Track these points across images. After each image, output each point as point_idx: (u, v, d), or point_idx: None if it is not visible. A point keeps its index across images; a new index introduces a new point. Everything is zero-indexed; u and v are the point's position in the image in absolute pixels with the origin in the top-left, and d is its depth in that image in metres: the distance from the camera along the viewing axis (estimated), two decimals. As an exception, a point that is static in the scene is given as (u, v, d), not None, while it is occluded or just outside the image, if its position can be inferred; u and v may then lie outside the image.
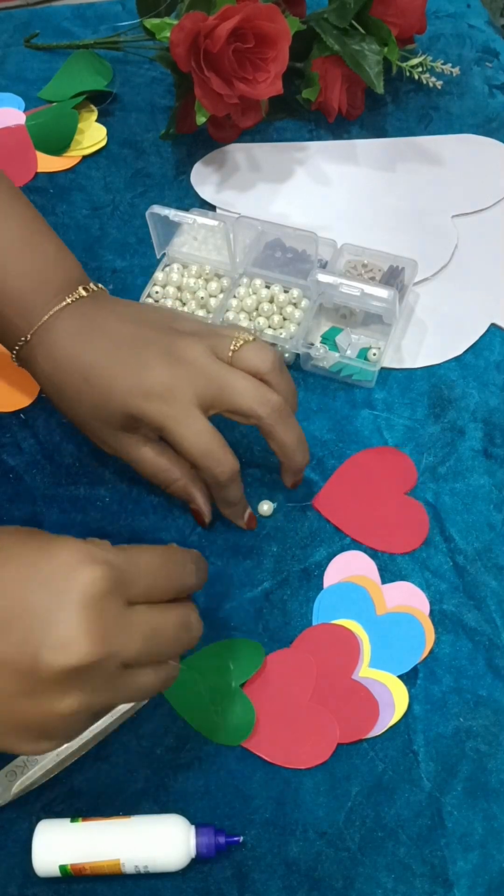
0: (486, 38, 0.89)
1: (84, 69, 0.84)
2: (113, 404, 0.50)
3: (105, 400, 0.50)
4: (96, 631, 0.36)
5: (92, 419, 0.52)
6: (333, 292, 0.63)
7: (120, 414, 0.50)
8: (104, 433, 0.53)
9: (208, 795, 0.48)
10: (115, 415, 0.51)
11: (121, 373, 0.50)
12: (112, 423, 0.51)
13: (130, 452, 0.53)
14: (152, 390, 0.49)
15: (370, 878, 0.46)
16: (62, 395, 0.52)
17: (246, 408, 0.51)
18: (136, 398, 0.49)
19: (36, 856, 0.44)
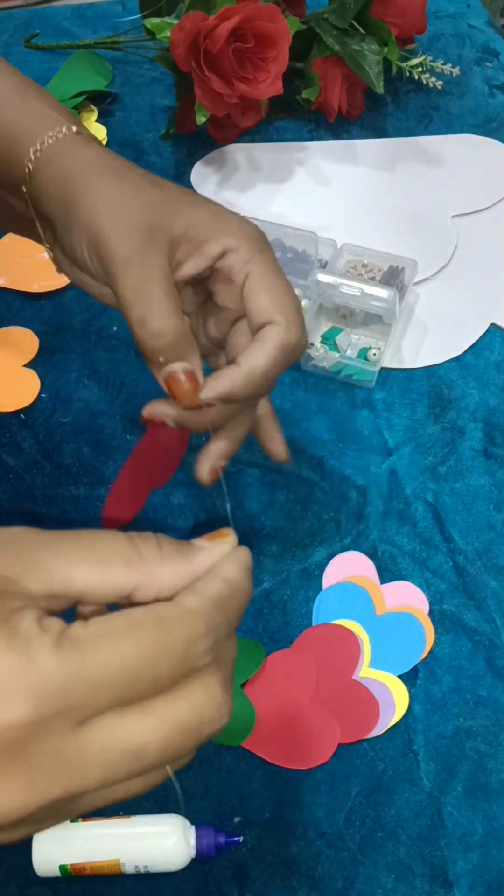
0: (486, 38, 0.89)
1: (84, 69, 0.84)
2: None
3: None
4: (17, 781, 0.25)
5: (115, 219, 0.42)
6: (333, 292, 0.63)
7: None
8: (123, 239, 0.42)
9: (208, 795, 0.48)
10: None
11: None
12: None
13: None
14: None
15: (370, 878, 0.46)
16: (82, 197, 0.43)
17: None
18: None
19: (36, 856, 0.44)
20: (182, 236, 0.41)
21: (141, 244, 0.40)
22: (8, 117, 0.45)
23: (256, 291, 0.42)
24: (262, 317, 0.42)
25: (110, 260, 0.40)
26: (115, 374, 0.64)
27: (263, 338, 0.42)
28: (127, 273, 0.40)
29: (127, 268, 0.40)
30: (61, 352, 0.65)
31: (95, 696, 0.26)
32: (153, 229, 0.41)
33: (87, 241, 0.41)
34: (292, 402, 0.63)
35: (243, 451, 0.60)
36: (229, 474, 0.59)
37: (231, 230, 0.42)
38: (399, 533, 0.57)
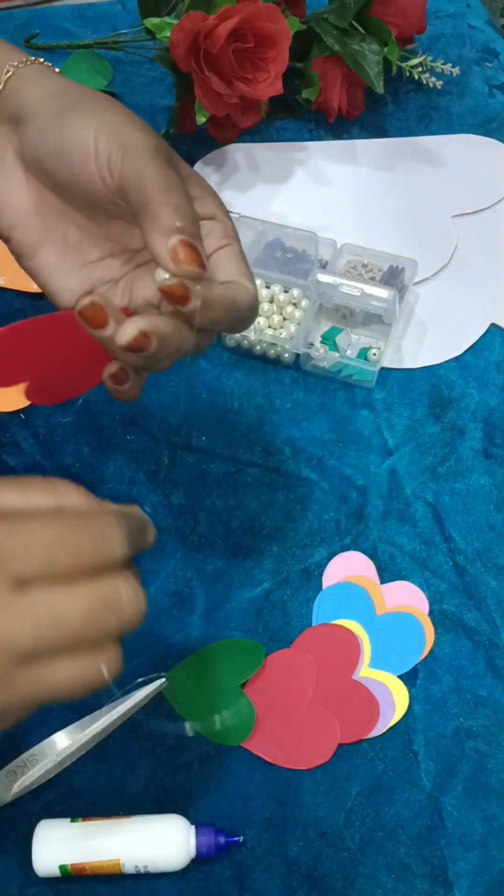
0: (486, 38, 0.89)
1: (84, 69, 0.84)
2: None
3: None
4: None
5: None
6: (333, 292, 0.63)
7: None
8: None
9: (208, 795, 0.48)
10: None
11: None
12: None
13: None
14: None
15: (370, 878, 0.46)
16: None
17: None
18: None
19: (36, 856, 0.44)
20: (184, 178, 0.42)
21: (166, 151, 0.41)
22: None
23: (230, 258, 0.42)
24: (231, 275, 0.41)
25: (133, 142, 0.39)
26: (115, 374, 0.64)
27: (235, 287, 0.41)
28: (154, 159, 0.39)
29: (152, 154, 0.39)
30: (61, 352, 0.65)
31: (26, 556, 0.31)
32: (167, 151, 0.41)
33: (99, 126, 0.40)
34: (292, 402, 0.63)
35: (243, 451, 0.60)
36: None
37: (217, 202, 0.43)
38: (399, 533, 0.57)
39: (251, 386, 0.63)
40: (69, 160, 0.40)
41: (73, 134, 0.40)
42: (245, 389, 0.63)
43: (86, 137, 0.40)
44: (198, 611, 0.54)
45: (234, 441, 0.61)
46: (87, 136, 0.40)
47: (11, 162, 0.43)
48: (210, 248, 0.42)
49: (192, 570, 0.55)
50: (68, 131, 0.40)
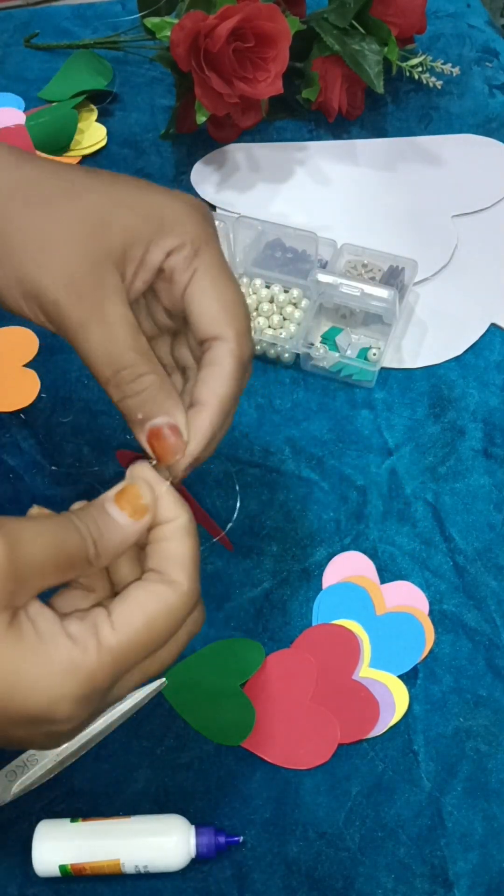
0: (486, 38, 0.89)
1: (84, 69, 0.84)
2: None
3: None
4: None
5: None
6: (333, 292, 0.63)
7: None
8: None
9: (208, 795, 0.48)
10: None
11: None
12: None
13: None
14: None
15: (370, 878, 0.46)
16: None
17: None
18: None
19: (36, 856, 0.44)
20: (123, 255, 0.37)
21: (92, 291, 0.36)
22: None
23: (202, 297, 0.38)
24: (209, 329, 0.38)
25: (65, 323, 0.36)
26: (115, 374, 0.64)
27: (218, 360, 0.38)
28: (87, 336, 0.36)
29: (86, 330, 0.36)
30: (61, 352, 0.65)
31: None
32: (96, 264, 0.36)
33: (23, 293, 0.37)
34: (292, 402, 0.63)
35: (243, 451, 0.60)
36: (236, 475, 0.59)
37: (169, 228, 0.38)
38: (399, 533, 0.57)
39: (251, 386, 0.63)
40: (16, 314, 0.38)
41: (6, 300, 0.38)
42: (245, 389, 0.63)
43: (18, 308, 0.38)
44: (198, 611, 0.53)
45: (234, 441, 0.61)
46: (18, 306, 0.38)
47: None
48: (179, 286, 0.38)
49: (192, 570, 0.55)
50: (1, 296, 0.38)
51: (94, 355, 0.36)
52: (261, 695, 0.50)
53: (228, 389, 0.39)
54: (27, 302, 0.37)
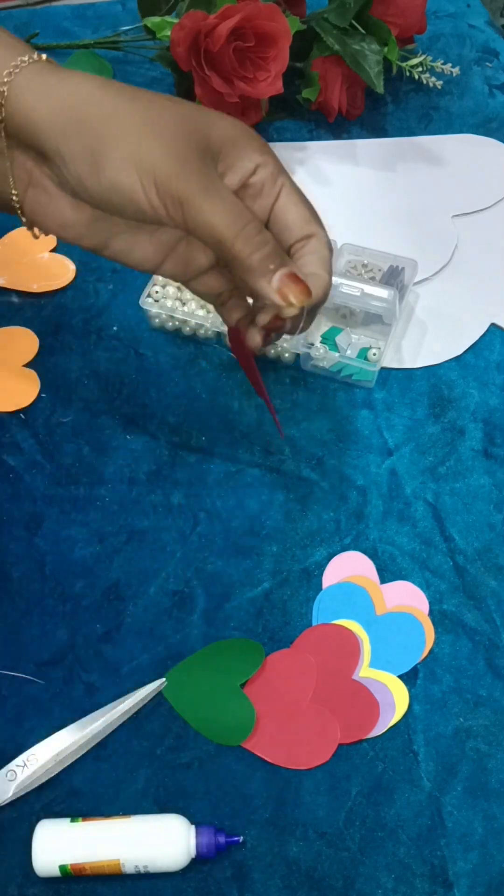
0: (486, 38, 0.89)
1: (84, 69, 0.84)
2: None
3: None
4: None
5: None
6: (333, 292, 0.63)
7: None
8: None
9: (208, 795, 0.48)
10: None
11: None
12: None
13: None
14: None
15: (370, 878, 0.46)
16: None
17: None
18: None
19: (36, 856, 0.44)
20: (220, 153, 0.42)
21: (204, 167, 0.41)
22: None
23: (293, 205, 0.44)
24: (303, 229, 0.44)
25: (187, 191, 0.40)
26: (115, 374, 0.64)
27: (314, 249, 0.44)
28: (210, 199, 0.40)
29: (208, 195, 0.40)
30: (61, 352, 0.65)
31: None
32: (202, 150, 0.41)
33: (140, 168, 0.39)
34: (292, 402, 0.63)
35: (243, 451, 0.60)
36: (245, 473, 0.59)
37: (257, 145, 0.43)
38: (399, 533, 0.57)
39: (251, 386, 0.63)
40: (118, 206, 0.41)
41: (115, 186, 0.40)
42: (245, 389, 0.63)
43: (130, 188, 0.40)
44: (198, 611, 0.54)
45: (234, 441, 0.61)
46: (130, 186, 0.40)
47: (55, 192, 0.43)
48: (267, 202, 0.44)
49: (192, 570, 0.55)
50: (109, 183, 0.40)
51: (220, 215, 0.40)
52: (261, 695, 0.50)
53: (327, 268, 0.44)
54: (143, 176, 0.40)
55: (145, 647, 0.52)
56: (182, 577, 0.55)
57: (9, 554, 0.55)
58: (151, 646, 0.52)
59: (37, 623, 0.53)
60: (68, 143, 0.40)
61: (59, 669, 0.51)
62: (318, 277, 0.44)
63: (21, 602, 0.54)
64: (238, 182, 0.43)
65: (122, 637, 0.52)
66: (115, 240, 0.45)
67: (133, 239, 0.45)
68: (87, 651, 0.52)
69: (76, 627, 0.53)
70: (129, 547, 0.56)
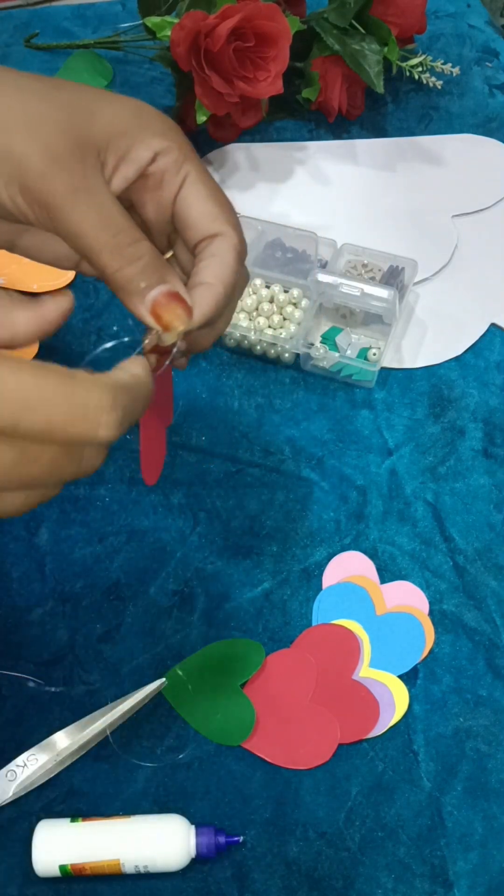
0: (486, 38, 0.89)
1: (84, 69, 0.84)
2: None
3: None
4: None
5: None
6: (333, 292, 0.63)
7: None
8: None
9: (208, 795, 0.48)
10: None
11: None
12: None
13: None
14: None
15: (370, 878, 0.46)
16: None
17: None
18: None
19: (36, 856, 0.44)
20: (107, 143, 0.36)
21: (77, 165, 0.35)
22: None
23: (197, 198, 0.38)
24: (208, 227, 0.38)
25: (52, 194, 0.35)
26: (115, 374, 0.64)
27: (217, 251, 0.38)
28: (78, 203, 0.35)
29: (77, 198, 0.35)
30: (61, 352, 0.65)
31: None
32: (80, 143, 0.35)
33: (4, 174, 0.35)
34: (292, 402, 0.63)
35: (243, 451, 0.60)
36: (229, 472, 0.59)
37: (157, 128, 0.37)
38: (399, 533, 0.57)
39: (251, 386, 0.63)
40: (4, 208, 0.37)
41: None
42: (245, 389, 0.63)
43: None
44: (198, 611, 0.54)
45: (234, 441, 0.61)
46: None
47: None
48: (169, 193, 0.38)
49: (192, 570, 0.55)
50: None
51: (87, 222, 0.35)
52: (261, 695, 0.50)
53: (232, 275, 0.38)
54: (8, 181, 0.35)
55: (145, 647, 0.52)
56: (182, 577, 0.55)
57: (9, 554, 0.55)
58: (151, 646, 0.52)
59: (37, 623, 0.53)
60: None
61: (59, 669, 0.51)
62: (209, 289, 0.37)
63: (21, 602, 0.54)
64: (134, 173, 0.37)
65: (122, 637, 0.52)
66: (22, 237, 0.40)
67: (42, 236, 0.40)
68: (87, 651, 0.52)
69: (76, 627, 0.53)
70: (129, 547, 0.56)
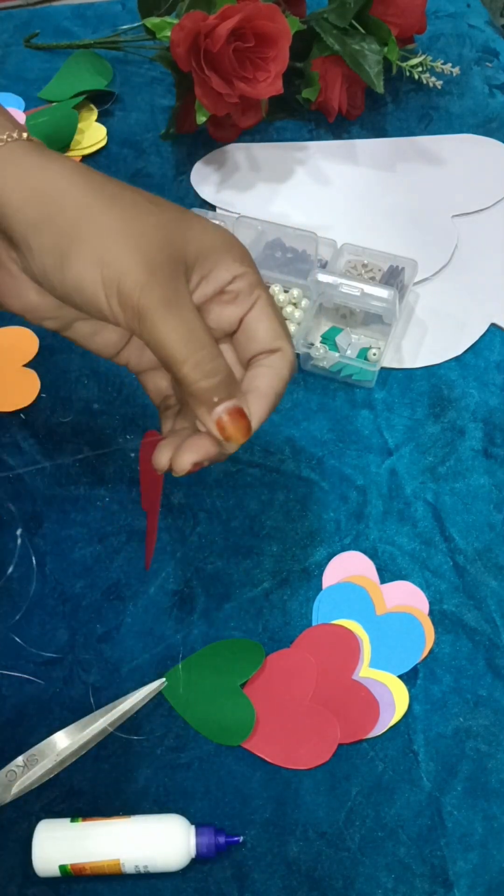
0: (486, 38, 0.89)
1: (84, 69, 0.84)
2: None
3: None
4: None
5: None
6: (333, 292, 0.63)
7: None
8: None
9: (208, 795, 0.48)
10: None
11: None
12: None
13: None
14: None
15: (370, 878, 0.46)
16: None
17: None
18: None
19: (36, 856, 0.44)
20: (195, 262, 0.41)
21: (172, 279, 0.39)
22: None
23: (266, 318, 0.43)
24: (271, 343, 0.43)
25: (148, 303, 0.38)
26: (115, 374, 0.64)
27: (274, 364, 0.43)
28: (169, 316, 0.39)
29: (168, 311, 0.39)
30: (61, 352, 0.65)
31: None
32: (174, 260, 0.39)
33: (104, 275, 0.38)
34: (292, 402, 0.63)
35: (243, 451, 0.60)
36: (229, 471, 0.59)
37: (237, 254, 0.42)
38: (399, 533, 0.57)
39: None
40: (79, 305, 0.40)
41: (78, 287, 0.39)
42: (245, 389, 0.63)
43: (92, 292, 0.39)
44: (198, 611, 0.54)
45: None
46: (93, 289, 0.39)
47: (19, 275, 0.42)
48: (240, 311, 0.43)
49: (192, 570, 0.55)
50: (72, 283, 0.39)
51: (176, 334, 0.39)
52: (261, 695, 0.50)
53: (283, 387, 0.43)
54: (106, 282, 0.39)
55: (145, 647, 0.52)
56: (182, 577, 0.55)
57: (9, 554, 0.55)
58: (151, 646, 0.52)
59: (37, 623, 0.53)
60: (37, 235, 0.39)
61: (59, 669, 0.51)
62: (265, 400, 0.42)
63: (21, 602, 0.54)
64: (213, 291, 0.42)
65: (122, 637, 0.52)
66: (79, 323, 0.44)
67: (97, 325, 0.44)
68: (87, 651, 0.52)
69: (76, 627, 0.53)
70: (129, 547, 0.56)
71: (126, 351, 0.45)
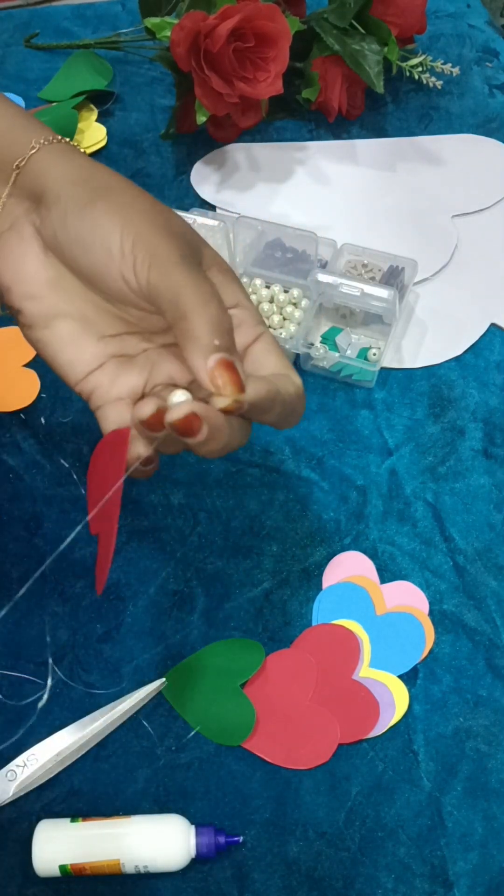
0: (486, 38, 0.89)
1: (84, 69, 0.84)
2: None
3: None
4: None
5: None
6: (333, 292, 0.63)
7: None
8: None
9: (208, 795, 0.48)
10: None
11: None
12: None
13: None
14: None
15: (370, 878, 0.46)
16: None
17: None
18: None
19: (36, 856, 0.44)
20: (208, 269, 0.41)
21: (192, 254, 0.40)
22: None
23: (273, 351, 0.43)
24: (281, 370, 0.42)
25: (164, 252, 0.39)
26: (115, 374, 0.64)
27: (282, 380, 0.41)
28: (188, 270, 0.39)
29: (183, 262, 0.39)
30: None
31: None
32: (193, 251, 0.41)
33: (125, 224, 0.39)
34: (292, 402, 0.63)
35: (243, 451, 0.60)
36: (231, 473, 0.59)
37: (238, 287, 0.43)
38: (399, 533, 0.57)
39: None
40: (90, 254, 0.40)
41: (96, 229, 0.39)
42: (245, 389, 0.63)
43: (110, 236, 0.39)
44: (198, 611, 0.54)
45: (234, 441, 0.61)
46: (111, 235, 0.39)
47: (29, 236, 0.42)
48: (244, 340, 0.42)
49: (192, 570, 0.55)
50: (91, 225, 0.40)
51: (189, 282, 0.38)
52: (261, 695, 0.50)
53: (284, 394, 0.41)
54: (125, 227, 0.39)
55: (145, 647, 0.52)
56: (182, 577, 0.55)
57: (9, 554, 0.55)
58: (151, 646, 0.52)
59: (37, 623, 0.53)
60: (72, 187, 0.41)
61: (59, 669, 0.51)
62: (267, 382, 0.40)
63: (21, 602, 0.54)
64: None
65: (122, 637, 0.52)
66: (59, 322, 0.43)
67: (77, 332, 0.43)
68: (87, 651, 0.52)
69: (76, 627, 0.53)
70: (129, 547, 0.56)
71: (96, 375, 0.43)
